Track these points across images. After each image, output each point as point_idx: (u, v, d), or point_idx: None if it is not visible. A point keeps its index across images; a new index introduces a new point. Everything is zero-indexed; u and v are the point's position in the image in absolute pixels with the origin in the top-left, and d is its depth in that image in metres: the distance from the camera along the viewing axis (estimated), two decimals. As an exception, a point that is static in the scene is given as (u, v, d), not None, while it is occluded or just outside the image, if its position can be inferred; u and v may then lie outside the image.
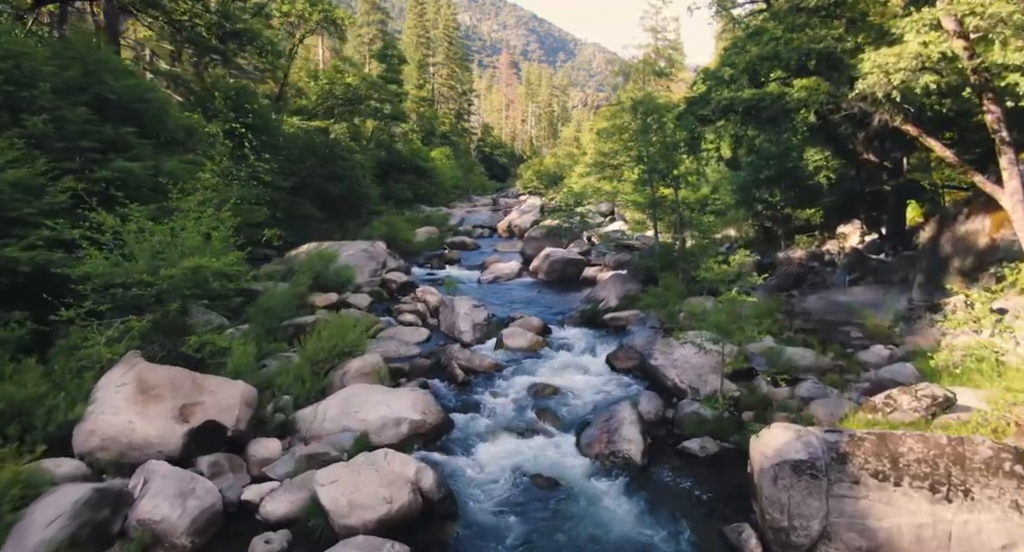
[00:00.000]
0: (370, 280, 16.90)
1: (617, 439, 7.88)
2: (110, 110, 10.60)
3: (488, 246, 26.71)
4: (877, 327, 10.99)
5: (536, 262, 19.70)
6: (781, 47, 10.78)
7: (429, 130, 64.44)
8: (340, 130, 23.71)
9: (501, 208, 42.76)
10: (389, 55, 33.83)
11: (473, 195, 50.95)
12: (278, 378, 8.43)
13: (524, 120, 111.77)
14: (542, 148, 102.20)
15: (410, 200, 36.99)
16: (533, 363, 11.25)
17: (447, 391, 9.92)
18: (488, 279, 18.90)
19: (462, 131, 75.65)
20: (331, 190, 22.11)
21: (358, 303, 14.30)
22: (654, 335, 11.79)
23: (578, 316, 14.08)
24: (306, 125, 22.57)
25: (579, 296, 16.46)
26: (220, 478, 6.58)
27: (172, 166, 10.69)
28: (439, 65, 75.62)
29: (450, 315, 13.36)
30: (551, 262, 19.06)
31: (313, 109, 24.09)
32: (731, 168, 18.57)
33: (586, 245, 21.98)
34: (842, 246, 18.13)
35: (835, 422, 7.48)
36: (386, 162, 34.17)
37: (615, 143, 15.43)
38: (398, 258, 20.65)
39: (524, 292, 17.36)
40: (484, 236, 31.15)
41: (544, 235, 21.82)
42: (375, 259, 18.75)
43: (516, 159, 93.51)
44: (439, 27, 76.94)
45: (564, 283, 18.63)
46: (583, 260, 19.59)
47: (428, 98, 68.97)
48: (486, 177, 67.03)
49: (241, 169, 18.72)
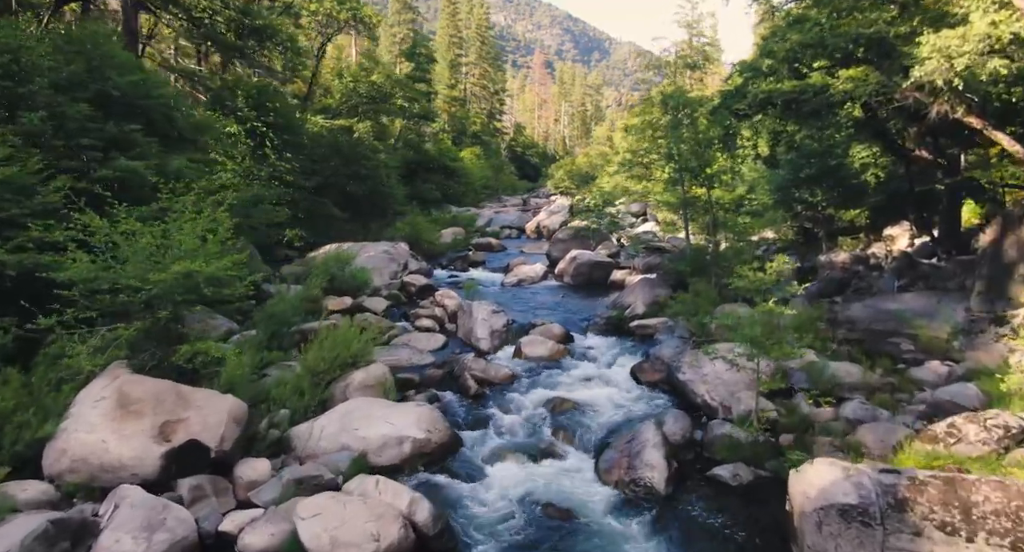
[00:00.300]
0: (390, 283, 16.38)
1: (639, 464, 7.12)
2: (115, 107, 10.23)
3: (515, 247, 26.05)
4: (932, 340, 9.97)
5: (562, 265, 18.96)
6: (826, 33, 9.85)
7: (460, 130, 64.15)
8: (364, 129, 23.32)
9: (530, 208, 42.04)
10: (417, 53, 33.36)
11: (503, 195, 50.34)
12: (275, 390, 7.88)
13: (557, 119, 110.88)
14: (575, 148, 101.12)
15: (438, 200, 36.56)
16: (552, 374, 10.53)
17: (458, 405, 9.27)
18: (511, 282, 18.22)
19: (494, 131, 75.20)
20: (354, 190, 21.72)
21: (374, 307, 13.75)
22: (683, 346, 10.95)
23: (603, 323, 13.30)
24: (330, 124, 22.21)
25: (605, 301, 15.67)
26: (201, 504, 6.03)
27: (178, 165, 10.28)
28: (471, 65, 75.32)
29: (468, 321, 12.72)
30: (577, 265, 18.30)
31: (337, 108, 23.74)
32: (769, 167, 17.54)
33: (615, 247, 21.14)
34: (889, 249, 16.96)
35: (888, 452, 6.61)
36: (414, 162, 33.78)
37: (645, 140, 14.57)
38: (420, 260, 20.13)
39: (548, 296, 16.63)
40: (511, 237, 30.50)
41: (571, 237, 21.05)
42: (396, 261, 18.24)
43: (548, 159, 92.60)
44: (472, 27, 76.60)
45: (590, 287, 17.84)
46: (611, 263, 18.78)
47: (460, 98, 68.71)
48: (517, 177, 66.36)
49: (262, 168, 18.41)
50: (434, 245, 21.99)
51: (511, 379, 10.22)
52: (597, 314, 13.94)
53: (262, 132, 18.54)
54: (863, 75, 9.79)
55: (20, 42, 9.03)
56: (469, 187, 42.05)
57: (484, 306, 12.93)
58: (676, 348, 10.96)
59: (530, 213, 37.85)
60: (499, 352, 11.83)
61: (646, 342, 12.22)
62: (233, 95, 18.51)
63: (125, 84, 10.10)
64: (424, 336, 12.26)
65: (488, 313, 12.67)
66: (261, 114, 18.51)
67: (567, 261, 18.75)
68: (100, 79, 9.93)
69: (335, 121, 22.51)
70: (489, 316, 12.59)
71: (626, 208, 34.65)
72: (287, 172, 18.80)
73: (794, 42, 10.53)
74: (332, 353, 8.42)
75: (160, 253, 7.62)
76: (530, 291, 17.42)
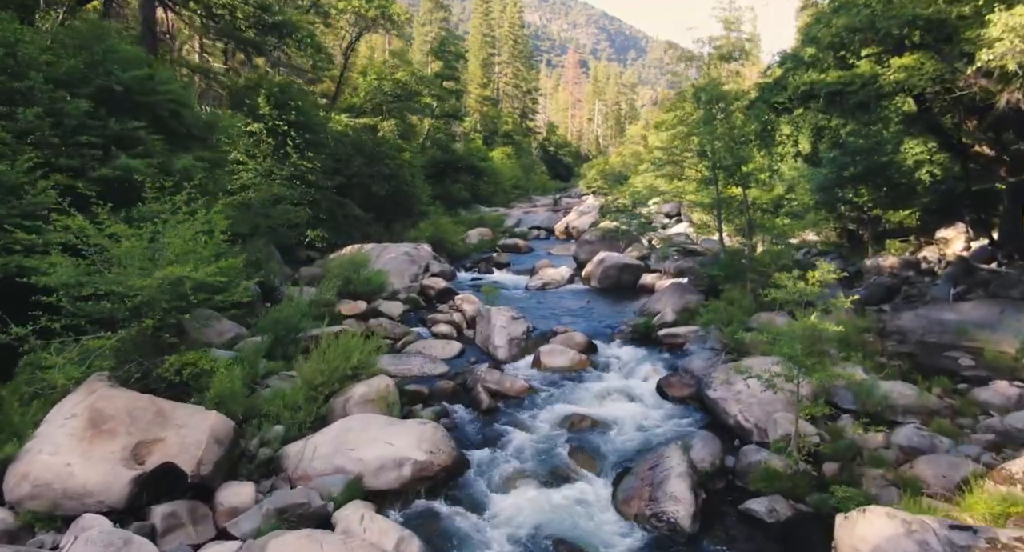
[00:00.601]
0: (410, 286, 15.84)
1: (661, 496, 6.35)
2: (118, 103, 9.85)
3: (544, 248, 25.34)
4: (997, 356, 8.96)
5: (589, 268, 18.18)
6: (877, 15, 8.91)
7: (492, 129, 63.63)
8: (389, 128, 22.88)
9: (561, 208, 41.26)
10: (446, 51, 32.87)
11: (534, 195, 49.62)
12: (269, 405, 7.32)
13: (590, 119, 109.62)
14: (608, 147, 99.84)
15: (467, 200, 36.06)
16: (572, 387, 9.80)
17: (468, 421, 8.62)
18: (536, 286, 17.51)
19: (526, 130, 74.51)
20: (378, 190, 21.30)
21: (390, 312, 13.22)
22: (715, 359, 10.12)
23: (629, 331, 12.51)
24: (354, 123, 21.81)
25: (633, 307, 14.88)
26: (175, 534, 5.49)
27: (183, 164, 9.84)
28: (504, 64, 74.77)
29: (486, 327, 12.07)
30: (605, 268, 17.50)
31: (362, 106, 23.34)
32: (810, 165, 16.49)
33: (645, 249, 20.25)
34: (942, 253, 15.77)
35: (951, 491, 5.73)
36: (442, 161, 33.36)
37: (676, 137, 13.74)
38: (443, 262, 19.56)
39: (573, 301, 15.88)
40: (540, 238, 29.80)
41: (600, 238, 20.24)
42: (416, 263, 17.70)
43: (581, 158, 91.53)
44: (504, 26, 76.02)
45: (618, 291, 17.04)
46: (640, 266, 17.92)
47: (492, 97, 68.21)
48: (548, 176, 65.57)
49: (283, 168, 18.07)
50: (458, 247, 21.44)
51: (528, 392, 9.52)
52: (623, 321, 13.14)
53: (283, 131, 18.21)
54: (918, 62, 8.85)
55: (17, 36, 8.67)
56: (499, 187, 41.46)
57: (503, 312, 12.27)
58: (707, 361, 10.13)
59: (560, 213, 37.08)
60: (518, 361, 11.15)
61: (675, 353, 11.40)
62: (255, 93, 18.22)
63: (129, 79, 9.71)
64: (439, 343, 11.66)
65: (507, 319, 12.00)
66: (283, 113, 18.18)
67: (594, 264, 17.97)
68: (103, 74, 9.55)
69: (359, 120, 22.11)
70: (508, 323, 11.92)
71: (659, 208, 33.70)
72: (309, 171, 18.45)
73: (840, 27, 9.60)
74: (332, 364, 7.83)
75: (147, 257, 7.14)
76: (555, 295, 16.69)
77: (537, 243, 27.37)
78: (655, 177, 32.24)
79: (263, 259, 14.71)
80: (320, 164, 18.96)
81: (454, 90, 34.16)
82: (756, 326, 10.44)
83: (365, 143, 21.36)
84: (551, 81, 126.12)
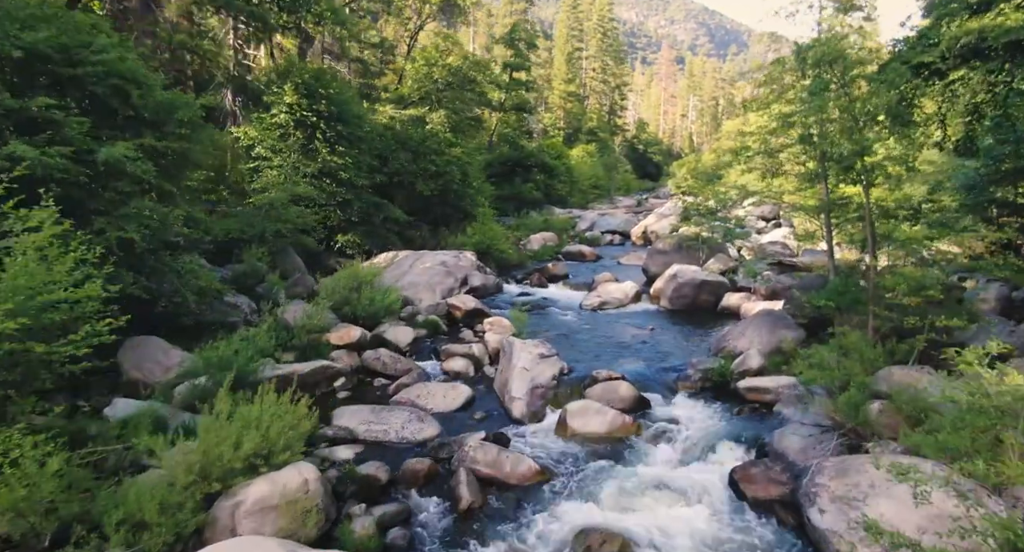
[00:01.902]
0: (439, 303, 13.29)
1: None
2: (26, 74, 7.83)
3: (615, 256, 22.15)
4: None
5: (659, 283, 14.93)
6: None
7: (576, 127, 60.49)
8: (439, 120, 20.44)
9: (644, 210, 37.68)
10: (517, 39, 30.19)
11: (616, 195, 46.13)
12: (115, 510, 4.83)
13: (684, 115, 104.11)
14: (703, 145, 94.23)
15: (539, 201, 33.31)
16: (606, 472, 6.81)
17: (437, 532, 5.83)
18: (592, 305, 14.46)
19: (613, 127, 70.88)
20: (423, 189, 18.90)
21: (396, 339, 10.65)
22: (821, 438, 6.82)
23: (699, 378, 9.29)
24: (400, 115, 19.54)
25: (710, 338, 11.60)
26: None
27: (108, 154, 7.65)
28: (591, 58, 71.42)
29: (506, 367, 9.25)
30: (678, 285, 14.20)
31: (409, 96, 21.08)
32: (962, 155, 12.43)
33: (732, 261, 16.64)
34: None
35: None
36: (510, 159, 30.73)
37: (773, 120, 10.33)
38: (489, 272, 16.89)
39: (634, 327, 12.73)
40: (613, 244, 26.59)
41: (675, 247, 16.87)
42: (453, 275, 15.14)
43: (673, 157, 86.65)
44: (592, 18, 72.60)
45: (694, 315, 13.72)
46: (723, 283, 14.45)
47: (577, 93, 65.04)
48: (635, 176, 61.71)
49: (310, 164, 16.00)
50: (508, 255, 18.64)
51: (537, 478, 6.63)
52: (693, 361, 9.89)
53: (312, 123, 16.15)
54: None
55: None
56: (575, 186, 38.40)
57: (529, 347, 9.39)
58: (807, 440, 6.85)
59: (640, 216, 33.61)
60: (541, 421, 8.27)
61: (761, 417, 8.13)
62: (283, 80, 16.24)
63: (38, 44, 7.61)
64: (442, 389, 8.93)
65: (532, 359, 9.12)
66: (313, 103, 16.12)
67: (665, 279, 14.70)
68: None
69: (406, 111, 19.82)
70: (533, 363, 9.04)
71: (753, 210, 29.59)
72: (340, 168, 16.28)
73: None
74: (214, 450, 5.23)
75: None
76: (613, 318, 13.60)
77: (609, 250, 24.19)
78: (743, 172, 28.07)
79: (263, 270, 12.60)
80: (354, 160, 16.75)
81: (524, 81, 31.39)
82: (887, 391, 7.05)
83: (412, 137, 19.00)
84: (644, 78, 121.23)
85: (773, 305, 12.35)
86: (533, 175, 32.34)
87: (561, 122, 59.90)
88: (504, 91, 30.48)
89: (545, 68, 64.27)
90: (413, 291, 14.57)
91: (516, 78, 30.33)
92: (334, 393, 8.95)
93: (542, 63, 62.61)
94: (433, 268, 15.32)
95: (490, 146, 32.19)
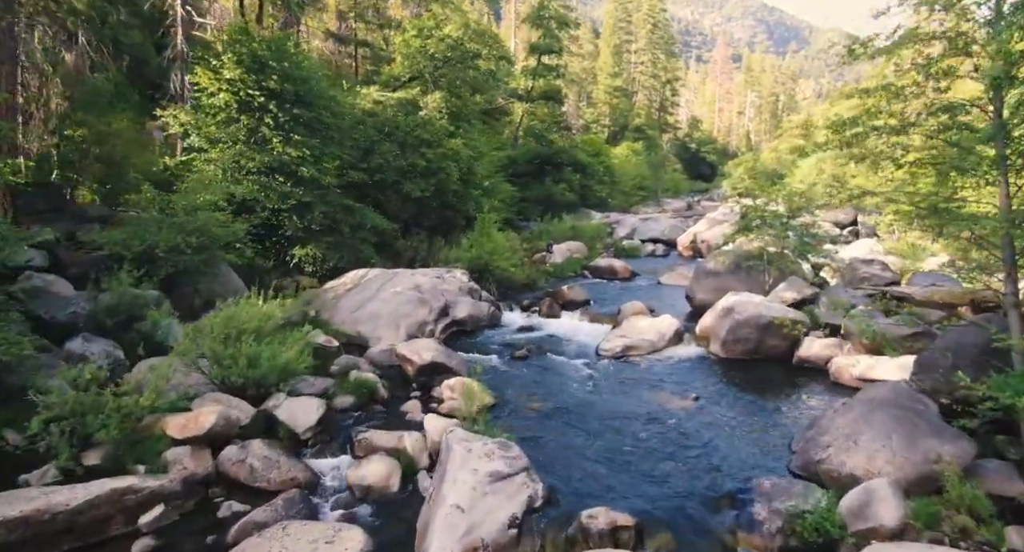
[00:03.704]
0: (391, 350, 9.53)
1: None
2: None
3: (656, 270, 17.93)
4: None
5: (708, 319, 10.75)
6: None
7: (623, 124, 55.97)
8: (435, 103, 16.64)
9: (695, 214, 33.13)
10: (545, 18, 26.20)
11: (663, 197, 41.59)
12: None
13: (741, 112, 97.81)
14: (761, 143, 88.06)
15: (573, 204, 29.26)
16: None
17: None
18: (614, 350, 10.37)
19: (663, 124, 65.99)
20: (412, 190, 15.18)
21: (291, 420, 6.87)
22: None
23: (776, 531, 5.11)
24: (386, 98, 15.88)
25: (785, 420, 7.44)
26: None
27: None
28: (640, 51, 66.70)
29: (435, 494, 5.38)
30: (736, 324, 10.00)
31: (400, 76, 17.42)
32: None
33: (809, 287, 12.09)
34: None
35: None
36: (539, 156, 26.74)
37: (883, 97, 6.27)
38: (484, 297, 13.05)
39: (669, 392, 8.62)
40: (656, 254, 22.36)
41: (729, 267, 12.59)
42: (428, 303, 11.38)
43: (728, 156, 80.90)
44: (643, 9, 67.88)
45: (758, 369, 9.53)
46: (802, 321, 10.14)
47: (624, 88, 60.43)
48: (686, 176, 56.81)
49: (255, 156, 12.52)
50: (510, 273, 14.57)
51: None
52: (762, 487, 5.70)
53: (260, 104, 12.65)
54: None
55: None
56: (616, 188, 34.11)
57: (477, 457, 5.45)
58: None
59: (690, 221, 29.14)
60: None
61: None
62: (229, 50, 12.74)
63: None
64: (314, 535, 5.09)
65: (479, 481, 5.19)
66: (262, 78, 12.62)
67: (718, 314, 10.51)
68: None
69: (394, 94, 16.14)
70: (478, 492, 5.11)
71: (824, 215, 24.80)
72: (298, 162, 12.73)
73: None
74: None
75: None
76: (642, 373, 9.51)
77: (648, 263, 19.97)
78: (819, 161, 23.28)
79: (146, 300, 9.06)
80: (318, 152, 13.19)
81: (555, 66, 27.33)
82: None
83: (398, 125, 15.32)
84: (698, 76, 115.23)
85: (884, 366, 8.09)
86: (565, 174, 28.27)
87: (607, 118, 55.51)
88: (531, 77, 26.47)
89: (589, 60, 59.97)
90: (371, 326, 10.87)
91: (545, 63, 26.37)
92: (134, 537, 5.23)
93: (586, 55, 58.32)
94: (404, 294, 11.58)
95: (515, 142, 28.27)
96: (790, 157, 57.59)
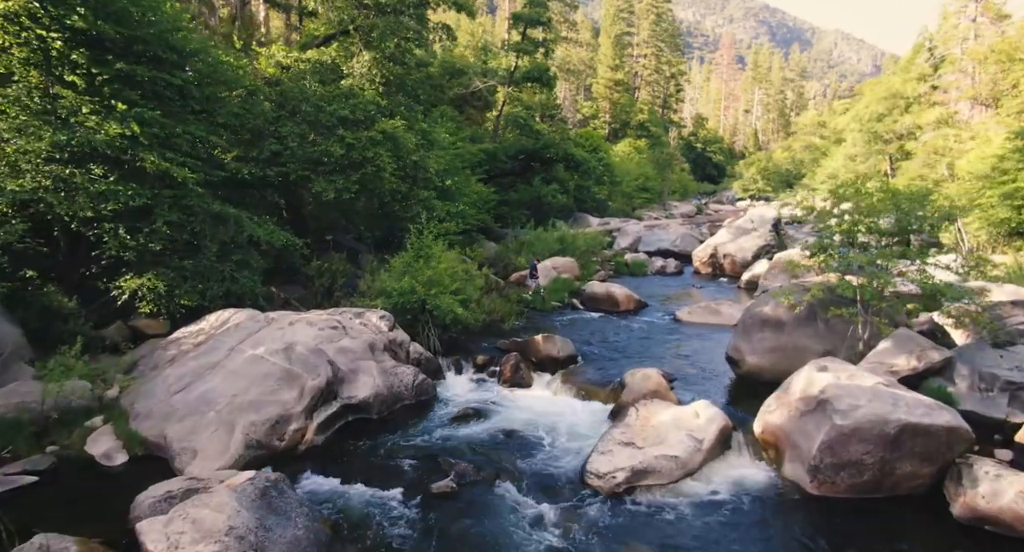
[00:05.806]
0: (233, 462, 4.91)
1: None
2: None
3: (670, 298, 13.30)
4: None
5: (778, 416, 6.08)
6: None
7: (624, 120, 51.29)
8: (362, 68, 11.88)
9: (706, 220, 28.51)
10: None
11: (669, 199, 36.92)
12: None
13: (748, 110, 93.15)
14: (769, 143, 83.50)
15: (567, 208, 24.63)
16: None
17: None
18: (612, 480, 5.71)
19: (667, 122, 61.38)
20: (323, 189, 10.48)
21: None
22: None
23: None
24: (294, 60, 11.25)
25: None
26: None
27: None
28: (642, 44, 62.13)
29: None
30: (838, 437, 5.35)
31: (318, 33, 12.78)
32: None
33: (934, 350, 7.33)
34: None
35: None
36: (523, 150, 22.05)
37: None
38: (410, 354, 8.43)
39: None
40: (666, 272, 17.68)
41: (803, 316, 7.88)
42: (300, 381, 6.72)
43: (735, 157, 76.32)
44: (644, 0, 63.32)
45: (884, 520, 4.89)
46: (957, 429, 5.47)
47: (624, 81, 55.72)
48: (691, 177, 52.17)
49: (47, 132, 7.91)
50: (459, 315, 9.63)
51: None
52: None
53: (59, 52, 8.04)
54: None
55: None
56: (616, 189, 29.44)
57: None
58: None
59: (703, 228, 24.52)
60: None
61: None
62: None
63: None
64: None
65: None
66: (64, 12, 8.01)
67: (796, 407, 5.84)
68: None
69: (305, 54, 11.49)
70: None
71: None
72: (132, 144, 8.12)
73: None
74: None
75: None
76: (663, 539, 4.87)
77: (659, 286, 15.33)
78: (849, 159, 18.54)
79: None
80: (165, 132, 8.59)
81: (542, 41, 22.60)
82: None
83: (307, 97, 10.67)
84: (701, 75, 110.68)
85: None
86: (557, 173, 23.59)
87: (607, 115, 50.86)
88: (514, 54, 21.75)
89: (587, 50, 55.35)
90: (190, 426, 6.24)
91: (531, 37, 21.69)
92: None
93: (582, 43, 53.63)
94: (264, 360, 6.92)
95: (496, 135, 23.59)
96: (805, 156, 53.08)
